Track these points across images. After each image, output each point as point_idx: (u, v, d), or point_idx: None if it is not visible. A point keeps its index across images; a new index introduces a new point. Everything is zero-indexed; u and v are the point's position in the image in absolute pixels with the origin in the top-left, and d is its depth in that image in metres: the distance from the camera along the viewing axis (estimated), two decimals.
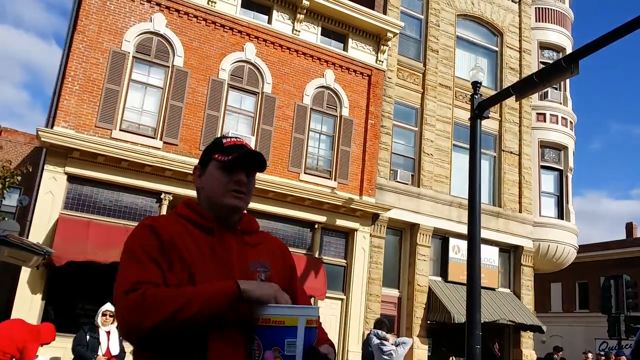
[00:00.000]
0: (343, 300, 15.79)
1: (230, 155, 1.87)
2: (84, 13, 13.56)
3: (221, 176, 1.90)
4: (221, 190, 1.89)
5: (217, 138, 2.03)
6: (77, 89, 13.18)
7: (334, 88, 16.69)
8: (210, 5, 15.14)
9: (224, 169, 1.89)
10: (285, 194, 14.96)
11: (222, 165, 1.89)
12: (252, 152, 1.90)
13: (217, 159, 1.91)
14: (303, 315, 1.66)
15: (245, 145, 1.94)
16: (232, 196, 1.88)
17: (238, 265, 1.81)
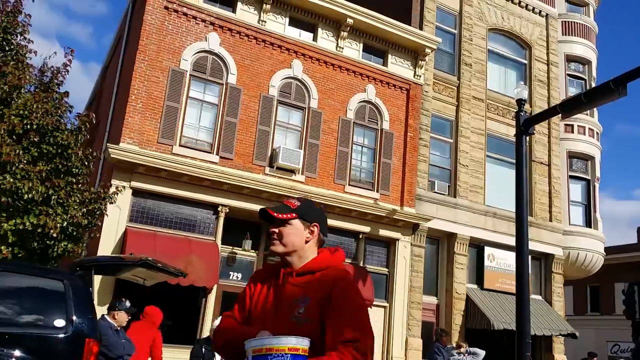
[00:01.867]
0: (386, 308, 16.38)
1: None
2: (145, 33, 14.17)
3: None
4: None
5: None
6: (140, 107, 13.79)
7: (375, 102, 17.30)
8: (260, 24, 15.75)
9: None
10: (334, 206, 15.55)
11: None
12: (262, 210, 2.43)
13: None
14: (251, 347, 2.01)
15: (270, 207, 2.42)
16: (270, 244, 2.39)
17: (284, 303, 2.22)
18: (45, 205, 7.64)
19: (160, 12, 14.48)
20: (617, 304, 35.37)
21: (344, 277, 2.25)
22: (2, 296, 5.65)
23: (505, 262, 18.85)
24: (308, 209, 2.41)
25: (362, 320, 2.13)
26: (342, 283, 2.20)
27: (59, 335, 5.69)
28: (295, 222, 2.34)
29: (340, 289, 2.18)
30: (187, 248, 13.28)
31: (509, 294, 18.54)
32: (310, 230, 2.37)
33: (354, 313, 2.13)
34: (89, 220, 8.69)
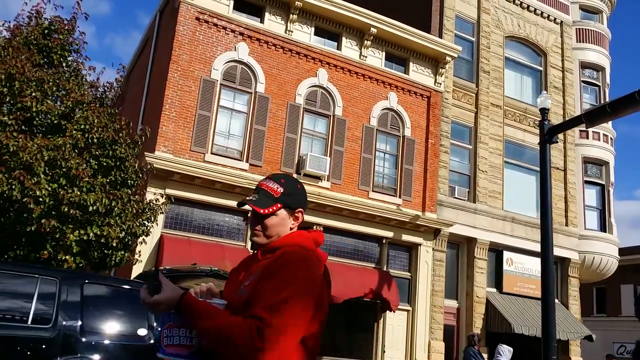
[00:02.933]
0: (409, 312, 16.73)
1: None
2: (177, 44, 14.52)
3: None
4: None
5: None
6: (174, 116, 14.14)
7: (397, 110, 17.65)
8: (287, 34, 16.11)
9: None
10: (358, 212, 15.90)
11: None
12: (241, 203, 2.26)
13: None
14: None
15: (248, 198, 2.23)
16: (252, 235, 2.23)
17: (243, 279, 2.10)
18: (107, 216, 7.99)
19: (191, 23, 14.84)
20: (623, 305, 35.75)
21: (289, 254, 2.01)
22: (91, 307, 5.99)
23: (523, 266, 19.22)
24: (293, 195, 2.21)
25: (278, 300, 1.88)
26: (281, 259, 1.99)
27: (143, 344, 6.04)
28: (280, 211, 2.16)
29: (276, 264, 1.98)
30: (221, 253, 13.63)
31: (527, 298, 18.93)
32: (295, 217, 2.21)
33: (275, 290, 1.90)
34: (142, 230, 9.03)
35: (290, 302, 1.88)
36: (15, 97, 7.79)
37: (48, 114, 7.90)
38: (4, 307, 5.63)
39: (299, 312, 1.89)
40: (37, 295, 5.69)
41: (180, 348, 1.91)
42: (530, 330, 17.35)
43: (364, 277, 15.49)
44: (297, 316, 1.89)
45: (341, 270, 15.23)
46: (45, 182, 7.32)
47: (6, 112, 7.67)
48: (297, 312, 1.89)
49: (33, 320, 5.59)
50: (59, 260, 7.77)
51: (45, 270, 5.91)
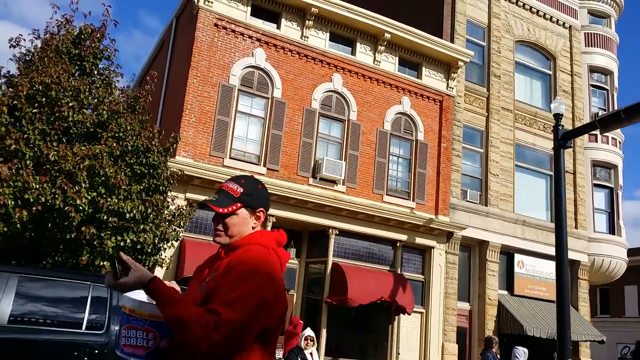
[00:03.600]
0: (422, 314, 16.92)
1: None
2: (197, 50, 14.72)
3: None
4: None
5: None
6: (194, 121, 14.34)
7: (410, 114, 17.85)
8: (303, 40, 16.30)
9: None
10: (373, 215, 16.10)
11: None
12: (203, 203, 2.29)
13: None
14: (123, 303, 2.04)
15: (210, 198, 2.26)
16: (214, 235, 2.26)
17: (205, 277, 2.16)
18: (142, 223, 8.18)
19: (210, 29, 15.03)
20: (627, 306, 35.98)
21: (249, 252, 2.07)
22: None
23: (534, 268, 19.42)
24: (253, 194, 2.25)
25: (235, 296, 1.92)
26: (241, 257, 2.05)
27: None
28: (241, 211, 2.20)
29: (236, 261, 2.03)
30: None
31: (538, 300, 19.14)
32: (257, 216, 2.25)
33: (232, 286, 1.94)
34: (173, 235, 9.23)
35: (247, 298, 1.92)
36: (53, 106, 7.98)
37: (84, 123, 8.08)
38: (60, 314, 5.83)
39: (255, 308, 1.92)
40: (90, 302, 5.88)
41: (137, 348, 1.98)
42: (542, 332, 17.55)
43: (380, 280, 15.69)
44: (253, 312, 1.92)
45: (358, 273, 15.43)
46: (84, 190, 7.51)
47: (45, 122, 7.86)
48: (253, 308, 1.92)
49: (87, 326, 5.79)
50: (96, 266, 7.97)
51: (97, 278, 6.11)
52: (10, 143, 7.51)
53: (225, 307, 1.89)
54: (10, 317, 5.47)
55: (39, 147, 7.60)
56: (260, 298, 1.95)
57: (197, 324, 1.85)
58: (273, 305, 2.01)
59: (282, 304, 2.09)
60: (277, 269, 2.09)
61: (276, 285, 2.04)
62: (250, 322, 1.92)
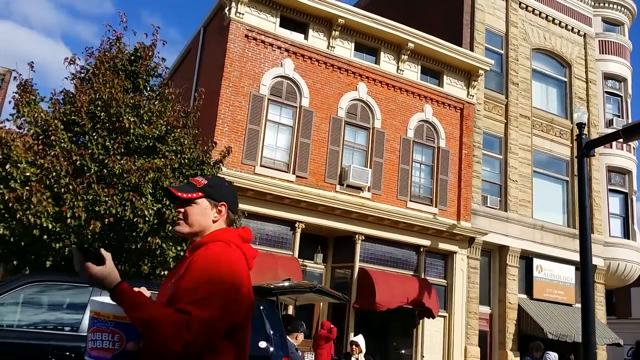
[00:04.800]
0: (445, 318, 17.28)
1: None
2: (229, 61, 15.09)
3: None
4: None
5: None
6: (227, 130, 14.71)
7: (432, 121, 18.22)
8: (329, 50, 16.68)
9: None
10: (398, 221, 16.46)
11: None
12: (166, 189, 2.32)
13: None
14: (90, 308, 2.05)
15: (173, 186, 2.30)
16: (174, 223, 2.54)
17: (172, 276, 2.18)
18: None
19: (241, 40, 15.40)
20: (633, 307, 36.35)
21: (212, 249, 2.08)
22: None
23: (552, 272, 19.78)
24: (215, 188, 2.29)
25: (201, 294, 1.93)
26: (204, 255, 2.06)
27: (264, 355, 6.59)
28: (201, 201, 2.24)
29: (199, 259, 2.04)
30: (274, 263, 14.18)
31: (556, 304, 19.50)
32: (218, 210, 2.26)
33: (198, 284, 1.96)
34: None
35: (214, 295, 1.93)
36: (114, 122, 8.33)
37: (144, 137, 8.43)
38: None
39: (222, 305, 1.94)
40: None
41: (103, 351, 1.98)
42: (561, 336, 17.90)
43: (406, 284, 16.04)
44: (221, 308, 1.93)
45: (384, 278, 15.79)
46: (150, 202, 7.86)
47: (107, 136, 8.22)
48: (221, 304, 1.93)
49: None
50: (157, 274, 8.32)
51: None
52: (77, 159, 7.86)
53: (194, 305, 1.90)
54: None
55: (102, 161, 7.94)
56: (226, 294, 1.97)
57: (168, 324, 1.85)
58: (238, 301, 2.02)
59: (247, 300, 2.09)
60: (240, 265, 2.09)
61: (240, 281, 2.04)
62: (220, 319, 1.94)
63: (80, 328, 5.70)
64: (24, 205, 7.37)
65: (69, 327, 5.75)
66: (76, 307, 5.89)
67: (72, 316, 5.86)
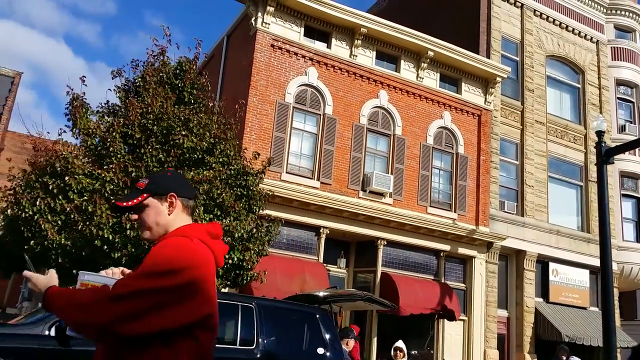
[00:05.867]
0: (465, 321, 17.58)
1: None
2: (255, 70, 15.40)
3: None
4: None
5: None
6: (254, 138, 15.02)
7: (451, 128, 18.54)
8: (351, 58, 17.00)
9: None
10: (419, 227, 16.78)
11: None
12: (114, 206, 2.29)
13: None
14: (80, 280, 2.06)
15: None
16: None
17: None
18: (248, 241, 8.84)
19: (267, 50, 15.72)
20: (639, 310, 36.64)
21: (165, 242, 2.06)
22: (279, 328, 6.85)
23: (567, 276, 20.10)
24: (159, 182, 2.23)
25: (133, 277, 1.95)
26: (155, 248, 2.04)
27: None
28: (150, 201, 2.18)
29: (150, 252, 2.02)
30: (301, 268, 14.49)
31: (571, 307, 19.81)
32: (169, 203, 2.19)
33: (138, 270, 1.96)
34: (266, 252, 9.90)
35: (147, 278, 1.89)
36: (166, 135, 8.64)
37: (194, 149, 8.73)
38: (220, 332, 6.49)
39: (155, 288, 1.88)
40: (241, 320, 6.54)
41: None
42: (578, 338, 18.20)
43: (428, 289, 16.35)
44: (151, 291, 1.87)
45: (407, 283, 16.10)
46: (202, 213, 8.17)
47: (160, 149, 8.52)
48: (152, 287, 1.88)
49: (241, 342, 6.45)
50: None
51: (244, 298, 6.76)
52: (132, 170, 8.16)
53: (120, 286, 1.91)
54: None
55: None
56: (168, 281, 1.89)
57: (93, 301, 1.87)
58: (190, 293, 1.93)
59: (205, 295, 2.00)
60: (199, 259, 2.00)
61: (195, 274, 1.95)
62: (147, 297, 1.87)
63: None
64: (83, 216, 7.67)
65: None
66: None
67: None
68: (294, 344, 6.86)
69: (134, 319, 1.86)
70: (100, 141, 8.31)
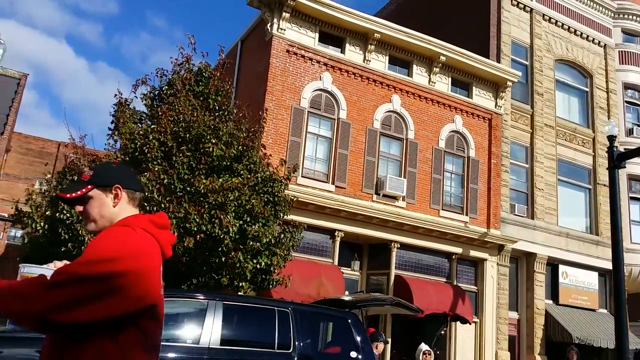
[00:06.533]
0: (477, 324, 17.77)
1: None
2: (272, 75, 15.61)
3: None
4: None
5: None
6: (271, 142, 15.20)
7: (462, 132, 18.74)
8: (365, 63, 17.20)
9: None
10: (432, 230, 16.98)
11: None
12: (57, 197, 2.30)
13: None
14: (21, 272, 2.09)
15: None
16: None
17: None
18: (275, 246, 9.05)
19: (283, 55, 15.92)
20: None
21: (104, 231, 2.05)
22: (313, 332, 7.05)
23: (577, 279, 20.30)
24: (103, 174, 2.20)
25: (70, 265, 1.93)
26: (92, 240, 2.01)
27: None
28: (94, 192, 2.15)
29: (89, 244, 2.00)
30: (317, 271, 14.70)
31: (580, 309, 20.01)
32: (114, 194, 2.17)
33: (68, 265, 1.94)
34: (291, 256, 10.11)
35: (81, 266, 1.87)
36: (197, 142, 8.84)
37: (223, 157, 8.93)
38: (258, 336, 6.70)
39: (90, 275, 1.85)
40: (277, 324, 6.75)
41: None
42: (588, 340, 18.39)
43: (441, 291, 16.54)
44: (85, 278, 1.85)
45: (421, 285, 16.30)
46: (232, 219, 8.37)
47: (191, 157, 8.73)
48: (86, 274, 1.85)
49: (278, 346, 6.65)
50: (234, 286, 8.83)
51: (280, 303, 6.96)
52: (164, 177, 8.37)
53: (57, 274, 1.88)
54: (221, 340, 6.34)
55: (187, 180, 8.45)
56: (106, 268, 1.86)
57: (29, 290, 1.83)
58: (129, 282, 1.89)
59: (147, 285, 1.96)
60: (138, 249, 1.98)
61: (136, 262, 1.93)
62: (84, 285, 1.84)
63: (201, 341, 6.21)
64: None
65: (190, 339, 6.27)
66: (195, 320, 6.41)
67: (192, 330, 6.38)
68: (329, 348, 7.05)
69: (71, 307, 1.83)
70: (140, 146, 8.49)
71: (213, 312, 6.35)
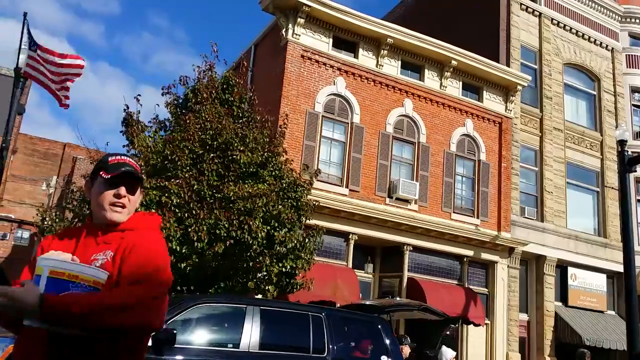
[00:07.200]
0: (488, 325, 17.96)
1: (112, 173, 2.10)
2: (287, 80, 15.80)
3: (104, 191, 2.11)
4: (103, 204, 2.11)
5: (104, 156, 2.26)
6: (286, 147, 15.33)
7: (473, 135, 18.93)
8: (378, 68, 17.39)
9: (105, 184, 2.11)
10: (444, 233, 17.17)
11: (104, 181, 2.11)
12: (128, 170, 2.13)
13: (100, 176, 2.12)
14: (46, 266, 1.86)
15: (127, 163, 2.16)
16: (111, 210, 2.10)
17: (82, 258, 2.02)
18: (299, 250, 9.24)
19: (297, 61, 16.12)
20: None
21: (147, 237, 2.09)
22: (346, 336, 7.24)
23: (585, 281, 20.49)
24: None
25: (149, 270, 1.96)
26: (143, 241, 2.05)
27: None
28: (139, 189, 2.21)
29: (138, 244, 2.03)
30: (333, 274, 14.88)
31: (589, 311, 20.20)
32: (142, 193, 2.27)
33: (145, 264, 1.97)
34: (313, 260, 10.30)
35: (158, 272, 1.97)
36: (225, 150, 9.03)
37: (250, 164, 9.12)
38: (294, 340, 6.88)
39: (162, 286, 1.96)
40: (312, 329, 6.93)
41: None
42: (597, 342, 18.58)
43: (453, 294, 16.73)
44: (161, 287, 1.95)
45: (433, 288, 16.49)
46: (260, 225, 8.56)
47: (219, 164, 8.91)
48: (161, 284, 1.95)
49: (313, 350, 6.83)
50: (260, 289, 9.02)
51: (313, 308, 7.15)
52: (194, 184, 8.56)
53: (144, 278, 1.93)
54: (260, 344, 6.52)
55: (216, 187, 8.64)
56: (166, 277, 1.99)
57: (133, 301, 1.85)
58: (168, 285, 2.04)
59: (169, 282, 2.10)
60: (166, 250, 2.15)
61: (168, 265, 2.08)
62: (160, 295, 1.96)
63: (241, 345, 6.40)
64: None
65: (231, 344, 6.46)
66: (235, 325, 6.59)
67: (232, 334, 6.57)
68: (361, 352, 7.24)
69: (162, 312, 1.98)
70: (168, 154, 8.67)
71: (252, 317, 6.54)
